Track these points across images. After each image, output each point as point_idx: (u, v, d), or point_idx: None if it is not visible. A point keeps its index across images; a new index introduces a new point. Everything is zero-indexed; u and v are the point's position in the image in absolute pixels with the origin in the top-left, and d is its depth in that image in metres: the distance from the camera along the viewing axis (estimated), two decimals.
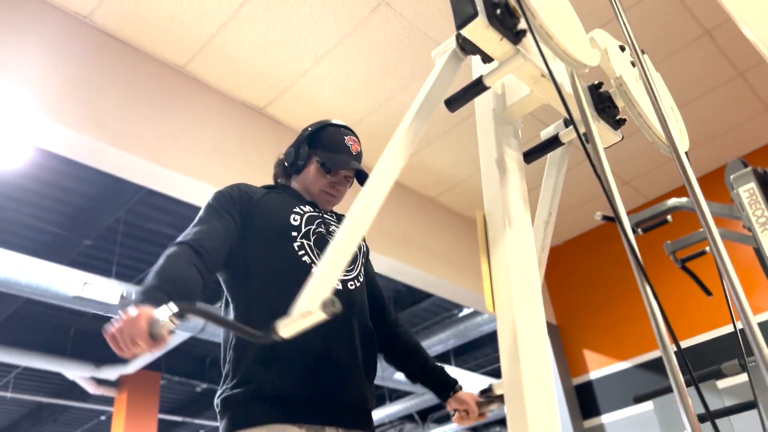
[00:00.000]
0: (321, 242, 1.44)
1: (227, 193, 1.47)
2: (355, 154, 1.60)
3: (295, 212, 1.47)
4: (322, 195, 1.56)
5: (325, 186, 1.56)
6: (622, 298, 4.31)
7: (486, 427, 10.64)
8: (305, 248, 1.41)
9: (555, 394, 0.80)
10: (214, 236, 1.34)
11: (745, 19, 1.00)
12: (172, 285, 1.18)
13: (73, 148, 2.55)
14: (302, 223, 1.46)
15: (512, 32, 0.89)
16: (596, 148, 0.94)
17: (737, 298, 0.79)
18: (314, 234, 1.45)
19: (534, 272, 0.89)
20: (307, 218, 1.48)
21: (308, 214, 1.49)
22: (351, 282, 1.45)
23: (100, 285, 4.53)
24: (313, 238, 1.45)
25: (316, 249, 1.43)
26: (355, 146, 1.62)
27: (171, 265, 1.23)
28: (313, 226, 1.47)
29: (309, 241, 1.43)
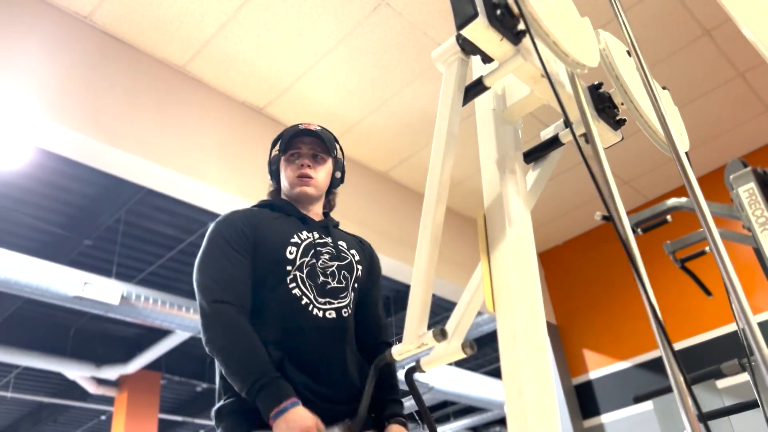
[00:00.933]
0: (313, 274, 1.46)
1: (240, 229, 1.46)
2: (311, 130, 1.55)
3: (292, 243, 1.47)
4: (297, 183, 1.53)
5: (294, 170, 1.54)
6: (622, 298, 4.31)
7: (486, 427, 10.64)
8: (297, 281, 1.44)
9: (555, 393, 0.80)
10: (244, 288, 1.40)
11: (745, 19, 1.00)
12: (265, 364, 1.30)
13: (73, 148, 2.56)
14: (297, 255, 1.46)
15: (512, 32, 0.89)
16: (596, 148, 0.94)
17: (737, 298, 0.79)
18: (307, 266, 1.46)
19: (534, 272, 0.89)
20: (304, 248, 1.48)
21: (305, 243, 1.49)
22: (344, 309, 1.47)
23: (100, 285, 4.54)
24: (306, 270, 1.46)
25: (308, 281, 1.45)
26: (309, 126, 1.57)
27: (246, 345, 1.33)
28: (307, 258, 1.47)
29: (302, 273, 1.45)
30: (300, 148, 1.56)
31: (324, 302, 1.45)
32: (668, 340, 0.71)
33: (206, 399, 8.63)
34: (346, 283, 1.49)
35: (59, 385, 7.76)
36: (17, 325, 6.16)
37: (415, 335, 0.89)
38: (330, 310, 1.44)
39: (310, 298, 1.43)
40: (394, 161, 3.77)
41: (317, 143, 1.56)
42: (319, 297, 1.44)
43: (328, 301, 1.45)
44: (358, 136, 3.52)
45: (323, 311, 1.43)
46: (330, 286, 1.47)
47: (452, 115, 0.95)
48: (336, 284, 1.48)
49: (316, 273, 1.46)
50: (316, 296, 1.44)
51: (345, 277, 1.50)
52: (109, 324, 6.56)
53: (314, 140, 1.56)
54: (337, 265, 1.50)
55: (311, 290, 1.44)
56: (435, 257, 0.92)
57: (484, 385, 7.30)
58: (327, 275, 1.47)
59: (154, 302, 4.85)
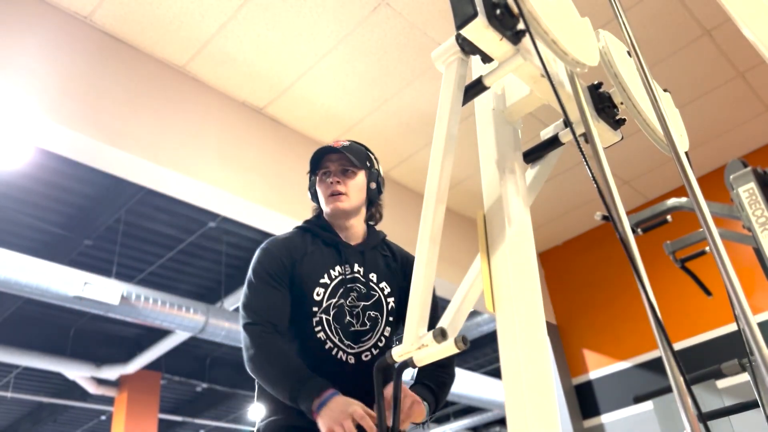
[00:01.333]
0: (340, 315, 1.49)
1: (279, 261, 1.52)
2: (338, 147, 1.58)
3: (321, 284, 1.50)
4: (329, 200, 1.57)
5: (324, 190, 1.58)
6: (621, 298, 4.31)
7: (486, 427, 10.64)
8: (322, 324, 1.48)
9: (555, 393, 0.80)
10: (281, 314, 1.47)
11: (745, 19, 1.00)
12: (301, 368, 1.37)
13: (73, 148, 2.56)
14: (325, 296, 1.50)
15: (512, 32, 0.89)
16: (596, 148, 0.94)
17: (737, 298, 0.79)
18: (334, 307, 1.50)
19: (534, 272, 0.89)
20: (333, 288, 1.51)
21: (336, 281, 1.51)
22: (365, 353, 1.49)
23: (100, 285, 4.54)
24: (333, 311, 1.49)
25: (335, 323, 1.49)
26: (337, 143, 1.60)
27: (282, 357, 1.39)
28: (335, 299, 1.50)
29: (328, 315, 1.49)
30: (328, 166, 1.59)
31: (347, 345, 1.48)
32: (668, 340, 0.71)
33: (206, 399, 8.63)
34: (371, 324, 1.51)
35: (59, 385, 7.77)
36: (17, 325, 6.16)
37: (415, 336, 0.90)
38: (350, 356, 1.48)
39: (335, 341, 1.48)
40: (394, 161, 3.77)
41: (345, 158, 1.58)
42: (344, 339, 1.49)
43: (350, 345, 1.49)
44: (358, 136, 3.52)
45: (346, 355, 1.48)
46: (353, 328, 1.50)
47: (452, 115, 0.95)
48: (359, 327, 1.50)
49: (344, 312, 1.50)
50: (342, 338, 1.48)
51: (370, 318, 1.52)
52: (109, 324, 6.56)
53: (341, 156, 1.58)
54: (362, 306, 1.51)
55: (336, 333, 1.48)
56: (435, 257, 0.92)
57: (484, 385, 7.30)
58: (353, 315, 1.50)
59: (154, 302, 4.85)
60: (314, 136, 3.50)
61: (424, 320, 0.91)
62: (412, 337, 0.90)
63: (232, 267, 5.66)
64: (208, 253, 5.43)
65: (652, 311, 0.73)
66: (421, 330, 0.90)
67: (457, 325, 0.90)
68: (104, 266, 5.33)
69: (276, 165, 3.22)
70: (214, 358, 7.76)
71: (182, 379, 7.58)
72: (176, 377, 7.51)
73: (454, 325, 0.90)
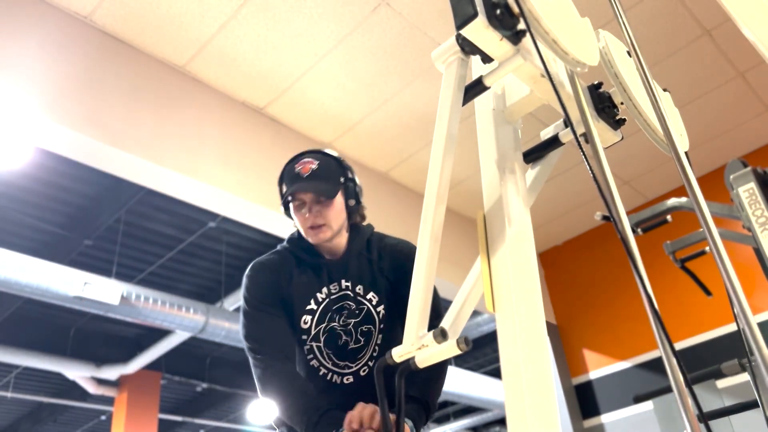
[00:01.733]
0: (332, 338, 1.49)
1: (267, 287, 1.51)
2: (308, 174, 1.47)
3: (308, 311, 1.50)
4: (309, 233, 1.50)
5: (302, 223, 1.50)
6: (621, 298, 4.31)
7: (486, 427, 10.64)
8: (314, 352, 1.49)
9: (555, 393, 0.80)
10: (284, 339, 1.48)
11: (745, 19, 1.00)
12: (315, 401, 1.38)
13: (73, 148, 2.56)
14: (313, 323, 1.49)
15: (512, 32, 0.89)
16: (596, 148, 0.94)
17: (737, 298, 0.79)
18: (325, 333, 1.49)
19: (534, 272, 0.89)
20: (320, 313, 1.50)
21: (323, 305, 1.50)
22: (363, 368, 1.49)
23: (100, 285, 4.54)
24: (324, 337, 1.49)
25: (326, 348, 1.49)
26: (306, 167, 1.49)
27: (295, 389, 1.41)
28: (324, 324, 1.49)
29: (319, 342, 1.49)
30: (301, 199, 1.50)
31: (343, 366, 1.49)
32: (669, 339, 0.71)
33: (206, 399, 8.63)
34: (365, 339, 1.51)
35: (59, 385, 7.77)
36: (17, 325, 6.16)
37: (416, 336, 0.89)
38: (348, 375, 1.49)
39: (328, 367, 1.49)
40: (394, 161, 3.77)
41: (318, 186, 1.48)
42: (338, 361, 1.49)
43: (347, 365, 1.49)
44: (358, 136, 3.52)
45: (341, 376, 1.48)
46: (350, 347, 1.50)
47: (452, 115, 0.95)
48: (354, 345, 1.50)
49: (337, 334, 1.49)
50: (336, 361, 1.49)
51: (364, 333, 1.51)
52: (109, 324, 6.56)
53: (313, 185, 1.47)
54: (354, 323, 1.50)
55: (329, 359, 1.49)
56: (435, 257, 0.92)
57: (484, 385, 7.30)
58: (347, 333, 1.50)
59: (154, 302, 4.85)
60: (314, 136, 3.50)
61: (424, 320, 0.91)
62: (413, 337, 0.90)
63: (232, 267, 5.65)
64: (208, 253, 5.43)
65: (652, 311, 0.73)
66: (422, 330, 0.90)
67: (459, 326, 0.90)
68: (104, 266, 5.33)
69: (276, 165, 3.20)
70: (214, 358, 7.76)
71: (182, 379, 7.58)
72: (176, 377, 7.51)
73: (456, 326, 0.90)
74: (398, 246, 1.61)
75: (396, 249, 1.60)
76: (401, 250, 1.60)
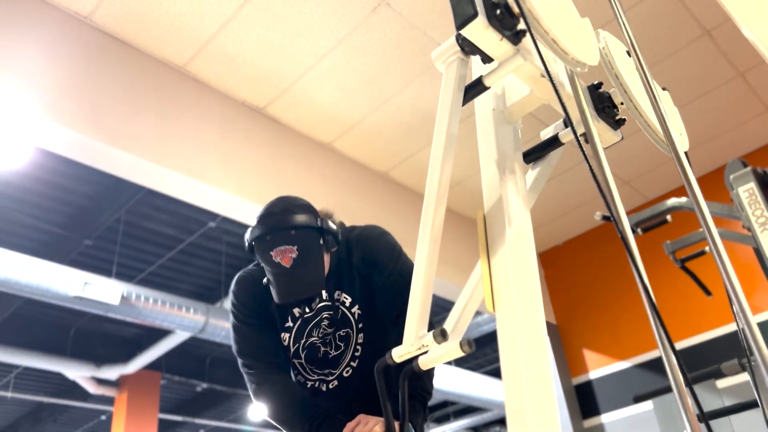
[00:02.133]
0: (312, 352, 1.49)
1: (250, 304, 1.51)
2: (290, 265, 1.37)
3: (286, 328, 1.50)
4: None
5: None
6: (622, 298, 4.31)
7: (486, 427, 10.64)
8: (297, 368, 1.51)
9: (555, 393, 0.80)
10: (274, 351, 1.49)
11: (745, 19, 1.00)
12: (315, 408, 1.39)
13: (73, 148, 2.56)
14: (291, 340, 1.50)
15: (512, 32, 0.89)
16: (596, 148, 0.94)
17: (737, 298, 0.79)
18: (304, 349, 1.50)
19: (534, 272, 0.89)
20: (297, 331, 1.49)
21: (299, 323, 1.50)
22: (346, 369, 1.49)
23: (100, 285, 4.54)
24: (304, 354, 1.50)
25: (308, 364, 1.50)
26: (286, 258, 1.38)
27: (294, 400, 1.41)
28: (302, 339, 1.49)
29: (300, 359, 1.50)
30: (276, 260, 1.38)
31: (326, 373, 1.49)
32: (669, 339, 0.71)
33: (206, 399, 8.63)
34: (344, 344, 1.50)
35: (59, 385, 7.77)
36: (17, 325, 6.16)
37: (416, 337, 0.89)
38: (333, 381, 1.49)
39: (312, 379, 1.50)
40: (394, 161, 3.77)
41: (287, 244, 1.38)
42: (320, 371, 1.49)
43: (330, 372, 1.49)
44: (358, 136, 3.52)
45: (326, 384, 1.49)
46: (331, 355, 1.50)
47: (452, 115, 0.95)
48: (334, 352, 1.50)
49: (316, 348, 1.50)
50: (319, 372, 1.49)
51: (342, 338, 1.50)
52: (109, 324, 6.56)
53: (301, 276, 1.38)
54: (333, 331, 1.50)
55: (312, 373, 1.50)
56: (435, 258, 0.92)
57: (484, 385, 7.30)
58: (326, 344, 1.50)
59: (154, 302, 4.85)
60: (314, 136, 3.50)
61: (424, 321, 0.91)
62: (412, 337, 0.90)
63: (232, 267, 5.65)
64: (208, 253, 5.43)
65: (652, 311, 0.73)
66: (421, 330, 0.90)
67: (461, 327, 0.90)
68: (104, 266, 5.33)
69: (276, 165, 3.22)
70: (214, 358, 7.76)
71: (182, 379, 7.58)
72: (176, 377, 7.51)
73: (458, 327, 0.90)
74: (363, 234, 1.55)
75: (362, 238, 1.54)
76: (367, 236, 1.54)
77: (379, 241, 1.53)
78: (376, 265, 1.50)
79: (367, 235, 1.55)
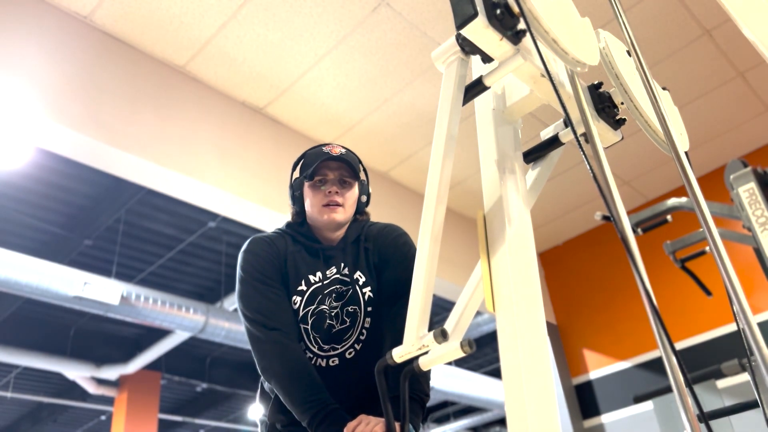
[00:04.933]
0: (319, 321, 1.48)
1: (266, 260, 1.49)
2: (337, 155, 1.51)
3: (299, 290, 1.49)
4: (325, 210, 1.49)
5: (321, 199, 1.50)
6: (622, 298, 4.31)
7: (486, 427, 10.65)
8: (302, 333, 1.48)
9: (555, 393, 0.80)
10: (288, 316, 1.46)
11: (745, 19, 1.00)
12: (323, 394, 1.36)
13: (73, 148, 2.56)
14: (302, 304, 1.48)
15: (512, 32, 0.89)
16: (596, 148, 0.94)
17: (737, 298, 0.79)
18: (313, 315, 1.48)
19: (534, 272, 0.89)
20: (309, 295, 1.49)
21: (313, 288, 1.49)
22: (349, 350, 1.48)
23: (100, 285, 4.54)
24: (312, 320, 1.48)
25: (313, 332, 1.48)
26: (334, 149, 1.53)
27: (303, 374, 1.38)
28: (313, 305, 1.48)
29: (306, 324, 1.48)
30: (326, 174, 1.51)
31: (328, 349, 1.48)
32: (669, 339, 0.71)
33: (206, 399, 8.63)
34: (350, 320, 1.49)
35: (59, 385, 7.77)
36: (17, 325, 6.16)
37: (416, 337, 0.89)
38: (333, 357, 1.47)
39: (314, 351, 1.48)
40: (394, 161, 3.77)
41: (344, 168, 1.51)
42: (324, 344, 1.47)
43: (332, 347, 1.48)
44: (358, 136, 3.52)
45: (327, 359, 1.47)
46: (335, 329, 1.48)
47: (452, 115, 0.95)
48: (340, 327, 1.49)
49: (324, 317, 1.48)
50: (321, 345, 1.47)
51: (349, 314, 1.50)
52: (109, 324, 6.56)
53: (341, 165, 1.51)
54: (341, 305, 1.49)
55: (315, 342, 1.48)
56: (435, 257, 0.92)
57: (484, 385, 7.30)
58: (333, 317, 1.49)
59: (154, 302, 4.85)
60: (314, 136, 3.50)
61: (424, 321, 0.91)
62: (413, 337, 0.89)
63: (232, 267, 5.65)
64: (208, 253, 5.43)
65: (652, 311, 0.73)
66: (422, 330, 0.90)
67: (462, 328, 0.90)
68: (104, 266, 5.33)
69: (276, 165, 3.22)
70: (214, 358, 7.76)
71: (182, 379, 7.58)
72: (176, 377, 7.51)
73: (459, 328, 0.89)
74: (385, 230, 1.60)
75: (382, 232, 1.59)
76: (388, 233, 1.59)
77: (398, 241, 1.57)
78: (389, 262, 1.54)
79: (388, 231, 1.60)
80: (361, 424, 1.29)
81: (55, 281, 4.33)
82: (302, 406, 1.34)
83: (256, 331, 1.42)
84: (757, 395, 1.58)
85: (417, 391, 1.41)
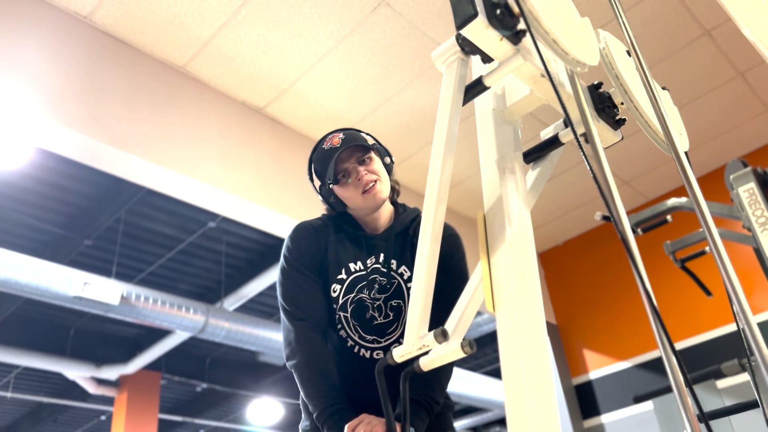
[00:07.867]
0: (359, 310, 1.47)
1: (307, 252, 1.50)
2: (340, 143, 1.51)
3: (338, 279, 1.49)
4: (367, 199, 1.49)
5: (356, 187, 1.49)
6: (622, 298, 4.31)
7: (486, 427, 10.64)
8: (342, 321, 1.48)
9: (555, 393, 0.80)
10: (319, 308, 1.47)
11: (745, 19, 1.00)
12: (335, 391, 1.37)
13: (73, 148, 2.56)
14: (342, 292, 1.48)
15: (512, 32, 0.89)
16: (596, 148, 0.94)
17: (737, 298, 0.79)
18: (352, 303, 1.48)
19: (534, 272, 0.89)
20: (349, 283, 1.48)
21: (353, 277, 1.49)
22: (394, 345, 1.46)
23: (100, 285, 4.53)
24: (351, 308, 1.48)
25: (353, 320, 1.48)
26: (334, 140, 1.52)
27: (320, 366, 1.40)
28: (352, 294, 1.48)
29: (346, 312, 1.48)
30: (345, 167, 1.50)
31: (371, 340, 1.47)
32: (669, 339, 0.71)
33: (206, 399, 8.63)
34: (394, 315, 1.48)
35: (59, 385, 7.76)
36: (17, 325, 6.16)
37: (417, 337, 0.89)
38: (377, 350, 1.47)
39: (355, 339, 1.47)
40: (394, 161, 3.77)
41: (354, 149, 1.50)
42: (365, 335, 1.47)
43: (375, 339, 1.47)
44: None
45: (371, 351, 1.47)
46: (377, 322, 1.48)
47: (452, 115, 0.95)
48: (382, 320, 1.48)
49: (365, 307, 1.48)
50: (362, 335, 1.47)
51: (393, 308, 1.48)
52: (109, 324, 6.56)
53: (349, 149, 1.50)
54: (384, 298, 1.48)
55: (355, 330, 1.48)
56: (436, 258, 0.92)
57: (484, 385, 7.30)
58: (374, 309, 1.48)
59: (154, 302, 4.85)
60: (314, 136, 3.50)
61: (424, 320, 0.91)
62: (413, 337, 0.89)
63: (232, 267, 5.65)
64: (208, 253, 5.43)
65: (652, 311, 0.73)
66: (422, 330, 0.90)
67: (462, 328, 0.90)
68: (104, 266, 5.33)
69: (276, 165, 3.22)
70: (214, 358, 7.76)
71: (182, 379, 7.57)
72: (176, 377, 7.51)
73: (459, 328, 0.89)
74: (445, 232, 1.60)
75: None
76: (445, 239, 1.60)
77: (448, 240, 1.56)
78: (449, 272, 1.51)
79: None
80: (362, 423, 1.29)
81: (55, 281, 4.32)
82: (314, 399, 1.36)
83: (286, 320, 1.45)
84: (757, 395, 1.58)
85: (425, 396, 1.39)
